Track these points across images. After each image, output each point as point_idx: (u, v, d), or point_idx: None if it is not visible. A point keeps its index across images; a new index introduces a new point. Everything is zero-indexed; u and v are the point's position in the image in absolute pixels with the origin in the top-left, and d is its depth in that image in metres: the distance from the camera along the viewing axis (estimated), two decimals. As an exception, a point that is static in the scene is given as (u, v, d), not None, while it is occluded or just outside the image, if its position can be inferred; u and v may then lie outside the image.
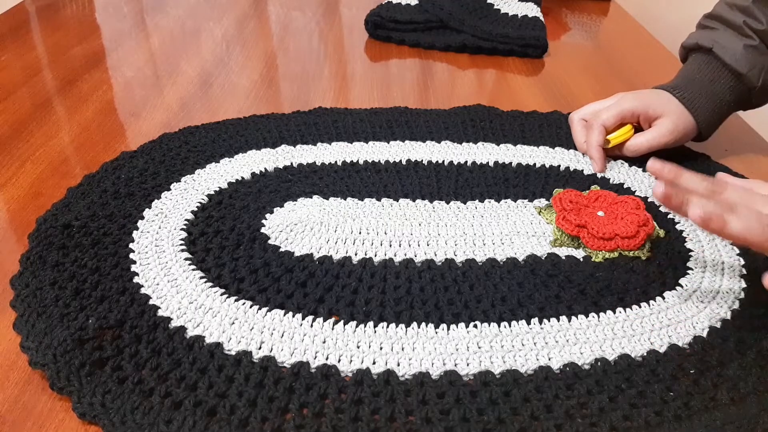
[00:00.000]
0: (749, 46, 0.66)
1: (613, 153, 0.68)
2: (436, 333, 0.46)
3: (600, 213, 0.57)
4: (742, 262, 0.55)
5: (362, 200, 0.60)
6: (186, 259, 0.52)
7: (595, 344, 0.46)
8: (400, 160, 0.67)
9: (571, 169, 0.67)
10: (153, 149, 0.67)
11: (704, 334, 0.47)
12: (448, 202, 0.61)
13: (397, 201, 0.60)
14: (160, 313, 0.47)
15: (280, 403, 0.40)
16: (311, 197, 0.60)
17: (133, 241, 0.54)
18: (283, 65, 0.92)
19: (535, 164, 0.67)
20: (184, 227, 0.56)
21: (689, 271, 0.53)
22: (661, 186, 0.47)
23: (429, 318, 0.47)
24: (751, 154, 0.73)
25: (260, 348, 0.44)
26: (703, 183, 0.50)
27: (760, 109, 0.72)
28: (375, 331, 0.46)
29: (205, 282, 0.50)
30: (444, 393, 0.42)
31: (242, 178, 0.63)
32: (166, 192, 0.60)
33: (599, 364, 0.44)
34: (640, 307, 0.49)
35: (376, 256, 0.53)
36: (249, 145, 0.68)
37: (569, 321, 0.48)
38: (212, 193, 0.61)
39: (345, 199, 0.60)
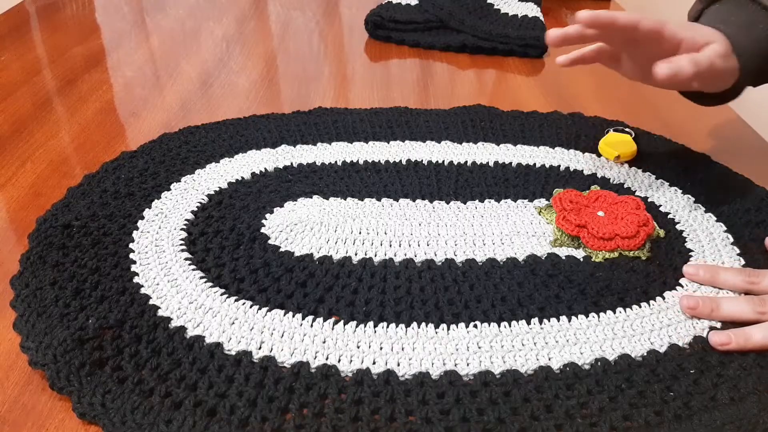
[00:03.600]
0: None
1: (673, 84, 0.56)
2: (436, 333, 0.46)
3: (600, 213, 0.57)
4: (743, 261, 0.54)
5: (362, 200, 0.60)
6: (186, 259, 0.52)
7: (595, 344, 0.46)
8: (400, 160, 0.67)
9: (571, 169, 0.67)
10: (153, 149, 0.67)
11: (704, 334, 0.47)
12: (448, 202, 0.61)
13: (397, 201, 0.60)
14: (160, 313, 0.47)
15: (280, 403, 0.40)
16: (311, 197, 0.60)
17: (133, 241, 0.54)
18: (283, 65, 0.92)
19: (535, 164, 0.67)
20: (184, 227, 0.56)
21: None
22: (687, 299, 0.49)
23: (429, 318, 0.47)
24: (751, 154, 0.73)
25: (260, 348, 0.44)
26: (739, 277, 0.51)
27: (761, 109, 0.72)
28: (375, 331, 0.46)
29: (205, 282, 0.50)
30: (444, 393, 0.42)
31: (242, 178, 0.63)
32: (166, 192, 0.60)
33: (599, 364, 0.44)
34: (640, 307, 0.49)
35: (376, 256, 0.53)
36: (249, 145, 0.68)
37: (569, 321, 0.48)
38: (212, 193, 0.61)
39: (345, 199, 0.60)
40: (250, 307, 0.48)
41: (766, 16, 0.57)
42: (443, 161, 0.67)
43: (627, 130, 0.72)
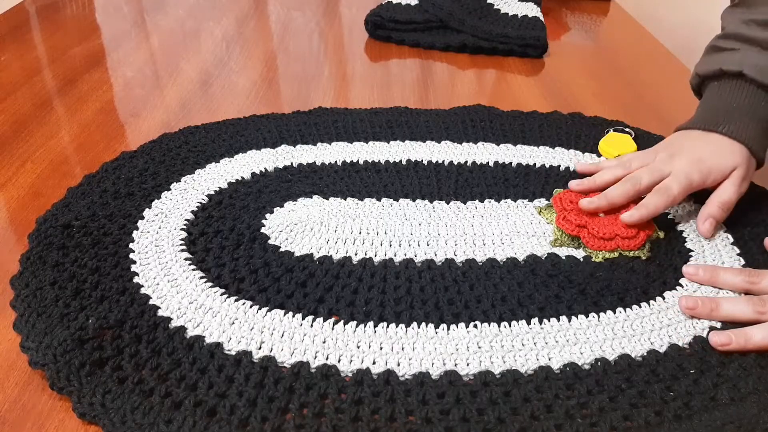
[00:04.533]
0: None
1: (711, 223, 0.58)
2: (436, 333, 0.46)
3: (600, 213, 0.57)
4: (743, 261, 0.54)
5: (362, 200, 0.60)
6: (186, 259, 0.52)
7: (595, 344, 0.46)
8: (400, 160, 0.67)
9: (571, 169, 0.67)
10: (153, 149, 0.67)
11: (704, 334, 0.47)
12: (448, 202, 0.61)
13: (397, 201, 0.60)
14: (160, 313, 0.47)
15: (280, 403, 0.40)
16: (311, 197, 0.60)
17: (133, 241, 0.54)
18: (283, 65, 0.92)
19: (535, 164, 0.67)
20: (184, 227, 0.56)
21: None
22: (686, 299, 0.49)
23: (429, 318, 0.47)
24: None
25: (260, 348, 0.44)
26: (739, 277, 0.51)
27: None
28: (375, 331, 0.46)
29: (205, 282, 0.50)
30: (444, 393, 0.42)
31: (242, 178, 0.63)
32: (166, 192, 0.60)
33: (599, 364, 0.44)
34: (640, 307, 0.49)
35: (376, 256, 0.53)
36: (249, 145, 0.68)
37: (569, 321, 0.48)
38: (212, 193, 0.61)
39: (345, 199, 0.60)
40: (250, 307, 0.48)
41: (764, 95, 0.59)
42: (443, 161, 0.67)
43: (627, 130, 0.72)
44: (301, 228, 0.56)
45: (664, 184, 0.57)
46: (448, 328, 0.47)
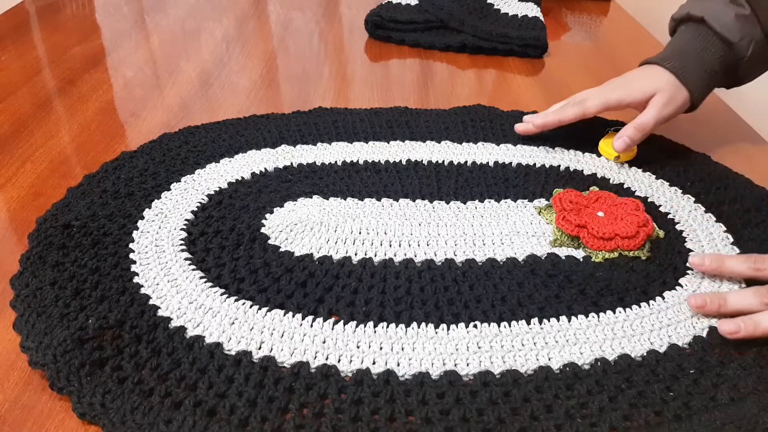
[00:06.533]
0: (741, 15, 0.65)
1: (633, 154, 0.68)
2: (436, 333, 0.46)
3: (600, 214, 0.57)
4: (742, 262, 0.55)
5: (362, 200, 0.60)
6: (186, 259, 0.52)
7: (595, 344, 0.46)
8: (400, 160, 0.67)
9: (571, 169, 0.67)
10: (153, 149, 0.67)
11: (704, 334, 0.47)
12: (448, 202, 0.61)
13: (397, 201, 0.60)
14: (160, 313, 0.47)
15: (280, 403, 0.40)
16: (311, 197, 0.60)
17: (133, 241, 0.54)
18: (283, 65, 0.92)
19: (535, 164, 0.67)
20: (184, 227, 0.56)
21: (689, 271, 0.53)
22: (694, 298, 0.49)
23: (429, 318, 0.47)
24: (751, 154, 0.73)
25: (260, 348, 0.44)
26: (745, 264, 0.51)
27: (761, 109, 0.72)
28: (375, 331, 0.46)
29: (205, 282, 0.50)
30: (444, 393, 0.42)
31: (242, 178, 0.63)
32: (166, 192, 0.60)
33: (599, 364, 0.44)
34: (639, 307, 0.49)
35: (376, 256, 0.53)
36: (249, 145, 0.68)
37: (569, 321, 0.48)
38: (212, 193, 0.61)
39: (345, 199, 0.60)
40: (250, 307, 0.48)
41: (717, 42, 0.66)
42: (443, 161, 0.67)
43: None
44: (301, 228, 0.56)
45: (582, 98, 0.68)
46: (448, 328, 0.47)
